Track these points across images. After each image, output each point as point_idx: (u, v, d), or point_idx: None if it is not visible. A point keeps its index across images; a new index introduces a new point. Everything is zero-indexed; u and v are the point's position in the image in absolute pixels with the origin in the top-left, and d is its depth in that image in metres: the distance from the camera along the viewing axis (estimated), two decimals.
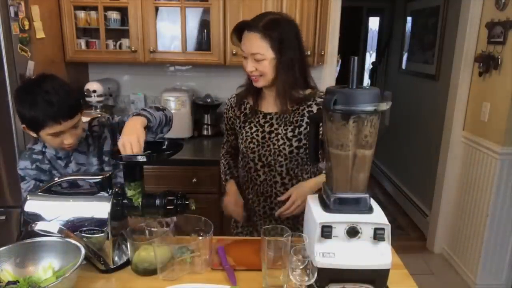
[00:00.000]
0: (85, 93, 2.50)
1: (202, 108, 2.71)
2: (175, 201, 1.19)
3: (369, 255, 1.02)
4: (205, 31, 2.56)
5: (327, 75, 2.76)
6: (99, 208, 1.15)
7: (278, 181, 1.46)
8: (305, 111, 1.41)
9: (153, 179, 2.18)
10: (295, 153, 1.42)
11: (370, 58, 6.64)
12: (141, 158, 1.14)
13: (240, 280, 1.13)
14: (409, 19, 4.08)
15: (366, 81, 6.62)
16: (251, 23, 1.33)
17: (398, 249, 1.26)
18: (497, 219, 2.53)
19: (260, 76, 1.36)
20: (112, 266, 1.18)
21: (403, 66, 4.24)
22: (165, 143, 1.31)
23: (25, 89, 1.24)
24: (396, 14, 4.69)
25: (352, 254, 1.02)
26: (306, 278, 0.98)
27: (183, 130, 2.59)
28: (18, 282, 0.98)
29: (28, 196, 1.18)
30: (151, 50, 2.43)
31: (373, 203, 1.10)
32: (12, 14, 1.89)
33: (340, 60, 3.09)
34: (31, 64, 2.04)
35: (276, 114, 1.44)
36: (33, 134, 1.29)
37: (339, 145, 1.03)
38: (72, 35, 2.43)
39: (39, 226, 1.14)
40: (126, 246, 1.22)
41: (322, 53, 2.49)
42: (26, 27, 2.00)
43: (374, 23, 6.50)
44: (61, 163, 1.40)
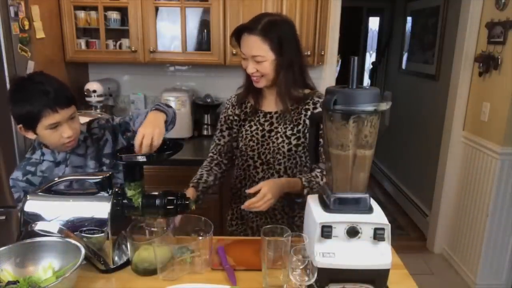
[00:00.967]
0: (85, 93, 2.50)
1: (202, 108, 2.72)
2: (175, 201, 1.19)
3: (369, 255, 1.02)
4: (205, 31, 2.56)
5: (327, 75, 2.76)
6: (99, 208, 1.15)
7: (276, 177, 1.46)
8: (303, 110, 1.43)
9: (153, 179, 2.18)
10: (294, 151, 1.43)
11: (370, 58, 6.64)
12: (141, 158, 1.14)
13: (240, 280, 1.13)
14: (409, 19, 4.08)
15: (366, 81, 6.62)
16: (250, 26, 1.34)
17: (398, 249, 1.26)
18: (497, 219, 2.53)
19: (261, 77, 1.37)
20: (112, 266, 1.18)
21: (403, 66, 4.24)
22: (165, 143, 1.30)
23: (18, 87, 1.25)
24: (396, 14, 4.69)
25: (352, 254, 1.02)
26: (306, 278, 0.98)
27: (183, 130, 2.59)
28: (18, 282, 0.98)
29: (28, 196, 1.18)
30: (151, 50, 2.43)
31: (373, 203, 1.10)
32: (12, 14, 1.89)
33: (340, 60, 3.09)
34: (31, 64, 2.04)
35: (276, 113, 1.46)
36: (31, 135, 1.28)
37: (339, 145, 1.03)
38: (72, 35, 2.43)
39: (39, 226, 1.14)
40: (126, 246, 1.22)
41: (322, 53, 2.49)
42: (26, 27, 2.00)
43: (374, 23, 6.50)
44: (58, 172, 1.36)
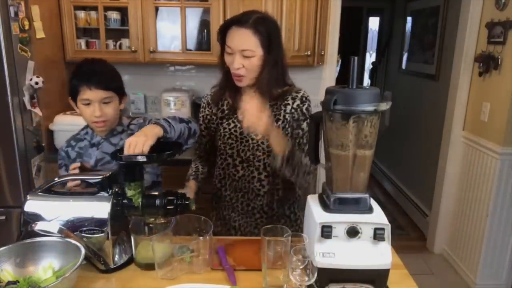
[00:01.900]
0: None
1: None
2: (175, 201, 1.19)
3: (369, 255, 1.02)
4: (205, 31, 2.56)
5: (327, 75, 2.76)
6: (99, 208, 1.15)
7: (256, 176, 1.45)
8: (282, 106, 1.41)
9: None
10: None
11: (370, 58, 6.64)
12: (141, 158, 1.14)
13: (240, 280, 1.13)
14: (409, 19, 4.08)
15: (366, 81, 6.62)
16: (241, 19, 1.31)
17: (398, 249, 1.26)
18: (497, 219, 2.54)
19: (244, 76, 1.33)
20: (112, 266, 1.18)
21: (403, 66, 4.24)
22: (165, 143, 1.30)
23: (79, 65, 1.44)
24: (396, 14, 4.69)
25: (352, 254, 1.02)
26: (306, 278, 0.98)
27: None
28: (18, 282, 0.98)
29: (28, 196, 1.18)
30: (151, 50, 2.43)
31: (373, 203, 1.10)
32: (12, 14, 1.89)
33: (340, 60, 3.09)
34: (31, 64, 2.04)
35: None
36: (75, 108, 1.44)
37: (339, 145, 1.03)
38: (72, 35, 2.43)
39: (39, 226, 1.14)
40: (126, 246, 1.22)
41: (322, 53, 2.49)
42: (26, 27, 2.00)
43: (374, 23, 6.50)
44: (91, 152, 1.48)
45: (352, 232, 1.02)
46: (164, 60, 2.55)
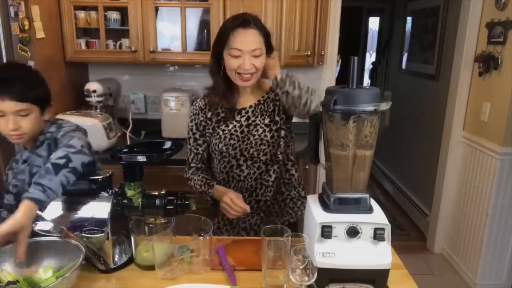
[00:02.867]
0: (85, 93, 2.50)
1: None
2: (175, 201, 1.19)
3: (369, 255, 1.02)
4: (205, 31, 2.56)
5: (327, 75, 2.76)
6: (99, 208, 1.15)
7: (263, 170, 1.46)
8: (273, 96, 1.47)
9: (153, 179, 2.18)
10: (276, 136, 1.44)
11: (370, 58, 6.65)
12: (141, 158, 1.14)
13: (240, 280, 1.13)
14: (409, 19, 4.08)
15: (366, 81, 6.63)
16: (244, 20, 1.34)
17: (398, 249, 1.26)
18: (497, 219, 2.54)
19: (253, 74, 1.36)
20: (112, 266, 1.18)
21: (403, 66, 4.24)
22: (165, 143, 1.31)
23: None
24: (396, 14, 4.69)
25: (352, 254, 1.02)
26: (306, 278, 0.98)
27: (183, 130, 2.56)
28: (18, 282, 0.98)
29: None
30: (151, 50, 2.43)
31: (373, 203, 1.10)
32: (12, 14, 1.89)
33: (340, 60, 3.09)
34: (31, 64, 2.04)
35: (251, 107, 1.46)
36: None
37: (339, 145, 1.03)
38: (72, 35, 2.43)
39: (39, 226, 1.14)
40: (126, 246, 1.22)
41: (322, 53, 2.49)
42: (26, 27, 2.00)
43: (374, 23, 6.50)
44: (23, 169, 1.36)
45: (352, 232, 1.02)
46: (164, 60, 2.55)
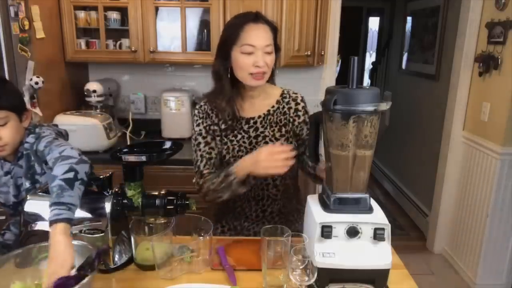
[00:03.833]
0: (85, 93, 2.50)
1: None
2: (175, 201, 1.19)
3: (369, 255, 1.02)
4: (205, 31, 2.56)
5: (327, 75, 2.76)
6: (99, 208, 1.15)
7: (270, 183, 1.43)
8: (286, 109, 1.41)
9: (153, 179, 2.18)
10: None
11: (370, 58, 6.65)
12: (141, 158, 1.14)
13: (240, 280, 1.13)
14: (409, 19, 4.08)
15: (366, 81, 6.62)
16: (255, 16, 1.29)
17: (398, 249, 1.26)
18: (497, 219, 2.53)
19: (264, 74, 1.29)
20: (112, 266, 1.18)
21: (403, 66, 4.24)
22: (165, 143, 1.31)
23: None
24: (396, 14, 4.69)
25: (352, 254, 1.02)
26: (306, 278, 0.98)
27: (183, 130, 2.59)
28: None
29: (28, 196, 1.18)
30: (151, 50, 2.43)
31: (373, 203, 1.10)
32: (12, 14, 1.89)
33: (340, 60, 3.09)
34: (31, 64, 2.04)
35: (260, 118, 1.40)
36: None
37: (339, 145, 1.03)
38: (72, 35, 2.43)
39: (39, 226, 1.14)
40: (126, 246, 1.22)
41: (322, 53, 2.49)
42: (26, 27, 2.00)
43: (374, 23, 6.50)
44: (5, 181, 1.32)
45: (352, 232, 1.02)
46: (164, 60, 2.55)
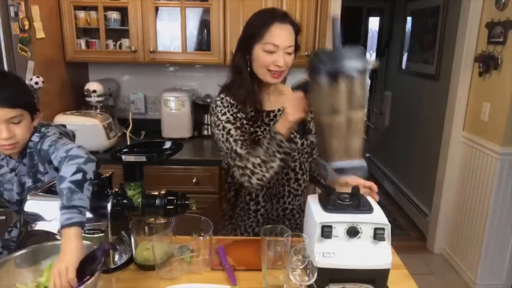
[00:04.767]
0: (85, 93, 2.50)
1: (202, 108, 2.72)
2: (175, 201, 1.19)
3: (369, 255, 1.02)
4: (205, 31, 2.56)
5: None
6: (99, 208, 1.15)
7: (292, 177, 1.43)
8: None
9: (153, 179, 2.18)
10: (306, 145, 1.42)
11: (370, 58, 6.64)
12: (141, 158, 1.14)
13: (240, 280, 1.13)
14: (409, 19, 4.08)
15: (366, 81, 6.61)
16: (281, 14, 1.29)
17: (398, 249, 1.26)
18: (497, 219, 2.53)
19: (283, 72, 1.31)
20: (112, 266, 1.18)
21: (403, 66, 4.24)
22: (165, 143, 1.31)
23: None
24: (396, 14, 4.69)
25: (352, 254, 1.02)
26: (306, 278, 0.98)
27: (183, 130, 2.59)
28: None
29: (28, 196, 1.18)
30: (151, 50, 2.43)
31: (373, 203, 1.10)
32: (12, 14, 1.89)
33: None
34: (31, 64, 2.04)
35: (280, 111, 1.41)
36: None
37: (330, 111, 0.97)
38: (72, 35, 2.43)
39: (39, 226, 1.14)
40: (126, 246, 1.22)
41: None
42: (26, 27, 2.00)
43: (374, 23, 6.50)
44: (9, 178, 1.33)
45: (352, 232, 1.02)
46: (164, 60, 2.55)
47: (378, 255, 1.02)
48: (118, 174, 1.22)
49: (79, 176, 1.03)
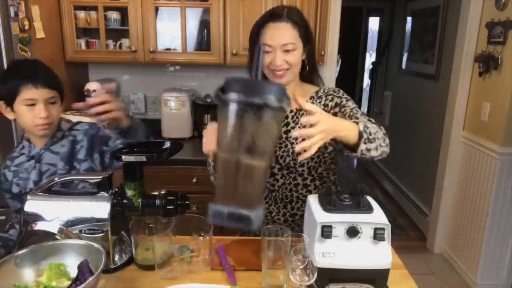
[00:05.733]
0: (85, 93, 2.50)
1: (202, 108, 2.71)
2: (175, 201, 1.19)
3: (369, 255, 1.02)
4: (205, 31, 2.56)
5: (327, 75, 2.76)
6: (99, 208, 1.15)
7: (300, 183, 1.37)
8: (317, 103, 1.34)
9: (153, 179, 2.18)
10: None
11: (370, 58, 6.64)
12: (141, 158, 1.14)
13: (240, 280, 1.13)
14: (409, 19, 4.08)
15: (366, 81, 6.62)
16: (275, 13, 1.26)
17: (398, 249, 1.26)
18: (497, 219, 2.54)
19: (287, 70, 1.27)
20: (112, 266, 1.18)
21: (403, 66, 4.24)
22: (165, 143, 1.31)
23: (10, 65, 1.37)
24: (396, 14, 4.69)
25: (352, 254, 1.02)
26: (306, 278, 0.98)
27: (183, 130, 2.59)
28: None
29: (28, 196, 1.18)
30: (151, 50, 2.43)
31: (373, 203, 1.10)
32: (12, 14, 1.89)
33: (340, 60, 3.09)
34: None
35: (292, 112, 1.36)
36: (10, 114, 1.32)
37: (228, 146, 0.84)
38: (72, 35, 2.43)
39: (39, 226, 1.14)
40: (126, 246, 1.22)
41: (322, 53, 2.49)
42: (26, 27, 2.00)
43: (374, 23, 6.50)
44: (27, 167, 1.37)
45: (352, 232, 1.02)
46: (164, 60, 2.55)
47: (378, 255, 1.02)
48: (118, 174, 1.23)
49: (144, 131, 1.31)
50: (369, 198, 1.14)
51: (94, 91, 2.48)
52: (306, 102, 0.97)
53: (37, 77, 1.28)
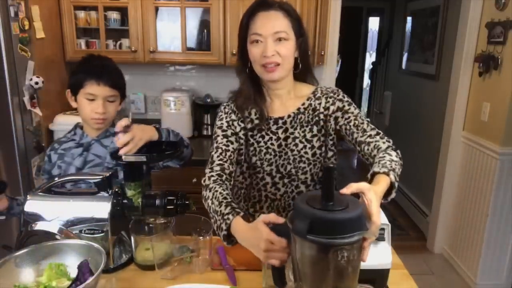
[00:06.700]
0: None
1: (202, 108, 2.72)
2: (175, 201, 1.19)
3: (369, 255, 1.02)
4: (205, 31, 2.56)
5: (327, 75, 2.76)
6: (99, 208, 1.15)
7: (303, 191, 1.31)
8: (316, 105, 1.28)
9: (153, 179, 2.18)
10: (319, 154, 1.28)
11: (370, 58, 6.65)
12: (141, 158, 1.14)
13: (240, 280, 1.13)
14: (409, 19, 4.08)
15: (366, 81, 6.63)
16: (267, 3, 1.18)
17: (398, 249, 1.26)
18: (497, 219, 2.54)
19: (279, 66, 1.18)
20: (112, 266, 1.18)
21: (403, 66, 4.24)
22: (165, 143, 1.31)
23: (84, 58, 1.43)
24: (396, 14, 4.69)
25: None
26: None
27: (183, 130, 2.58)
28: None
29: (28, 196, 1.18)
30: (151, 50, 2.43)
31: None
32: (12, 14, 1.89)
33: (340, 60, 3.09)
34: (31, 64, 2.04)
35: (289, 117, 1.28)
36: (73, 103, 1.41)
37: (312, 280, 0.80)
38: (72, 35, 2.43)
39: (39, 226, 1.14)
40: (126, 246, 1.22)
41: (322, 53, 2.49)
42: (26, 27, 2.00)
43: (374, 23, 6.50)
44: (74, 152, 1.41)
45: None
46: (164, 60, 2.55)
47: (378, 255, 1.02)
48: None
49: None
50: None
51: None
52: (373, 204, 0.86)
53: (102, 75, 1.35)
